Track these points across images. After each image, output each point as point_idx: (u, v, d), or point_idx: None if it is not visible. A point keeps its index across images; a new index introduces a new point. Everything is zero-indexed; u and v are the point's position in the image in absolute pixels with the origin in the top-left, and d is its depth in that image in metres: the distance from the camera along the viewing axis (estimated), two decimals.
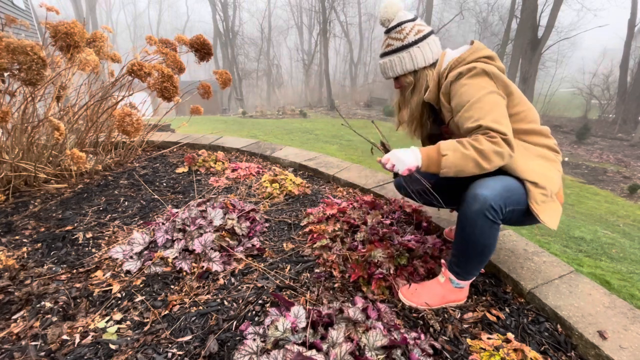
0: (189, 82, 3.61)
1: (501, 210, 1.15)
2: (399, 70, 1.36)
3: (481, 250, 1.21)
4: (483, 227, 1.16)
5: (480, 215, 1.14)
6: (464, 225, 1.20)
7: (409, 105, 1.43)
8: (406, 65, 1.34)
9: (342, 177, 2.60)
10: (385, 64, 1.38)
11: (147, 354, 1.10)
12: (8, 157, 2.16)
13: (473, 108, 1.15)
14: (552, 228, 1.19)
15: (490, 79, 1.19)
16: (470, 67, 1.20)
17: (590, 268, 3.02)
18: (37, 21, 8.01)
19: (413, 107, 1.42)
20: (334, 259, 1.55)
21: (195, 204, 1.98)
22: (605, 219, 5.74)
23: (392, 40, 1.34)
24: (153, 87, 2.23)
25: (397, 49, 1.33)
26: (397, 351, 1.04)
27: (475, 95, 1.16)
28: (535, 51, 16.56)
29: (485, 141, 1.10)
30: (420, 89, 1.37)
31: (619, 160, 12.05)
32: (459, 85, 1.20)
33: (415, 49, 1.31)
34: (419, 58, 1.32)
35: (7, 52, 1.66)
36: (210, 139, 3.69)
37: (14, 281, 1.41)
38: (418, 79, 1.36)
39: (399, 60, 1.34)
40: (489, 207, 1.13)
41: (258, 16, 32.51)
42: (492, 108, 1.15)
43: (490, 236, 1.18)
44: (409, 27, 1.31)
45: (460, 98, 1.19)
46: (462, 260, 1.27)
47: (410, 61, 1.33)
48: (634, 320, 1.21)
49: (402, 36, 1.31)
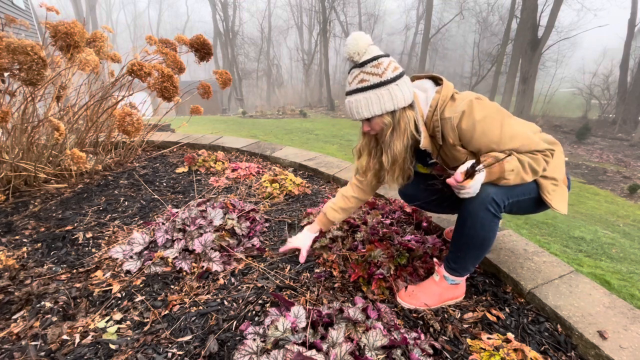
0: (189, 82, 3.61)
1: (503, 204, 1.18)
2: (376, 109, 1.18)
3: (480, 243, 1.23)
4: (484, 220, 1.18)
5: (482, 208, 1.16)
6: (465, 219, 1.22)
7: (390, 151, 1.27)
8: (385, 105, 1.17)
9: (342, 177, 2.60)
10: (358, 101, 1.19)
11: (147, 354, 1.10)
12: (8, 157, 2.16)
13: (508, 139, 1.13)
14: (563, 213, 1.23)
15: (484, 100, 1.18)
16: (467, 101, 1.15)
17: (590, 268, 3.02)
18: (37, 21, 8.01)
19: (396, 153, 1.26)
20: (334, 259, 1.55)
21: (195, 203, 1.98)
22: (605, 219, 5.74)
23: (368, 76, 1.16)
24: (153, 87, 2.23)
25: (373, 85, 1.16)
26: (397, 351, 1.04)
27: (498, 130, 1.13)
28: (535, 51, 16.56)
29: (542, 161, 1.14)
30: (404, 133, 1.23)
31: (619, 160, 12.05)
32: (473, 125, 1.14)
33: (394, 87, 1.16)
34: (398, 97, 1.17)
35: (7, 52, 1.66)
36: (210, 139, 3.69)
37: (14, 281, 1.41)
38: (398, 120, 1.21)
39: (376, 98, 1.17)
40: (491, 200, 1.15)
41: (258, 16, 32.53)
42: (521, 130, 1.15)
43: (490, 229, 1.20)
44: (386, 62, 1.17)
45: (486, 137, 1.14)
46: (459, 255, 1.29)
47: (389, 100, 1.17)
48: (634, 320, 1.21)
49: (379, 71, 1.15)
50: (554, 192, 1.23)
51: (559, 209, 1.22)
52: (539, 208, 1.29)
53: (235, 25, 28.09)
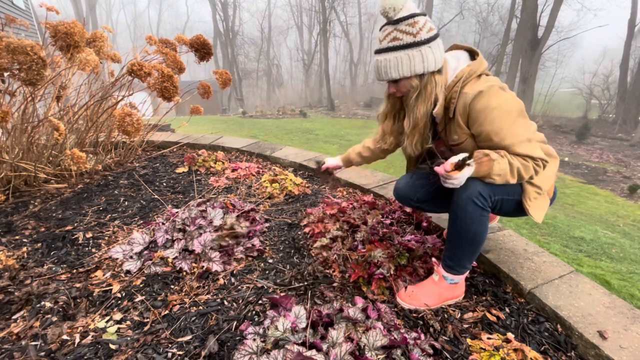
0: (189, 82, 3.61)
1: (490, 197, 1.19)
2: (406, 71, 1.15)
3: (472, 238, 1.24)
4: (473, 214, 1.19)
5: (470, 202, 1.18)
6: (456, 214, 1.24)
7: (412, 115, 1.25)
8: (415, 67, 1.14)
9: (342, 177, 2.60)
10: (388, 61, 1.15)
11: (147, 354, 1.10)
12: (8, 157, 2.16)
13: (510, 135, 1.12)
14: (538, 222, 1.25)
15: (506, 91, 1.16)
16: (489, 83, 1.13)
17: (590, 268, 3.02)
18: (37, 21, 8.01)
19: (418, 117, 1.24)
20: (334, 258, 1.55)
21: (195, 203, 1.98)
22: (605, 219, 5.74)
23: (401, 34, 1.11)
24: (153, 87, 2.23)
25: (406, 45, 1.11)
26: (397, 351, 1.04)
27: (506, 124, 1.12)
28: (535, 51, 16.55)
29: (532, 170, 1.15)
30: (429, 98, 1.20)
31: (619, 160, 12.05)
32: (485, 108, 1.12)
33: (427, 49, 1.12)
34: (429, 60, 1.13)
35: (7, 52, 1.66)
36: (210, 139, 3.69)
37: (14, 281, 1.41)
38: (425, 85, 1.18)
39: (407, 59, 1.13)
40: (477, 194, 1.17)
41: (258, 16, 32.52)
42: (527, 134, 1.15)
43: (480, 223, 1.22)
44: (422, 22, 1.11)
45: (491, 125, 1.12)
46: (454, 252, 1.30)
47: (420, 62, 1.13)
48: (634, 320, 1.21)
49: (414, 30, 1.10)
50: (535, 199, 1.24)
51: (534, 216, 1.24)
52: (518, 212, 1.30)
53: (235, 25, 28.08)
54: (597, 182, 9.29)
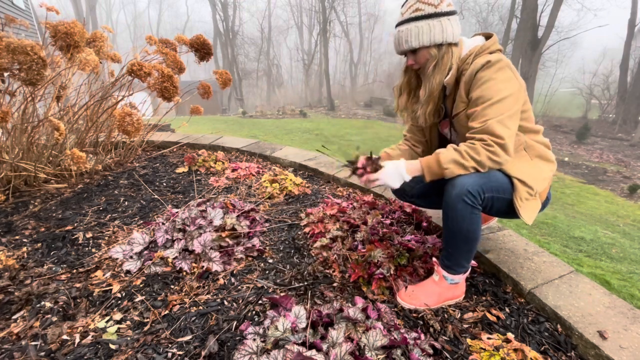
0: (189, 82, 3.61)
1: (479, 195, 1.19)
2: (426, 40, 1.20)
3: (465, 236, 1.24)
4: (463, 212, 1.20)
5: (459, 200, 1.19)
6: (447, 213, 1.25)
7: (429, 84, 1.28)
8: (435, 36, 1.20)
9: (342, 177, 2.60)
10: (409, 30, 1.21)
11: (147, 354, 1.10)
12: (8, 157, 2.16)
13: (492, 107, 1.15)
14: (528, 223, 1.25)
15: (514, 75, 1.19)
16: (499, 57, 1.17)
17: (590, 268, 3.02)
18: (37, 21, 8.00)
19: (434, 87, 1.28)
20: (334, 258, 1.55)
21: (195, 203, 1.98)
22: (605, 219, 5.74)
23: (423, 5, 1.19)
24: (153, 87, 2.23)
25: (428, 15, 1.18)
26: (397, 351, 1.04)
27: (498, 95, 1.15)
28: (535, 51, 16.55)
29: (483, 150, 1.15)
30: (444, 68, 1.25)
31: (619, 160, 12.05)
32: (486, 76, 1.16)
33: (447, 20, 1.19)
34: (448, 31, 1.20)
35: (7, 52, 1.66)
36: (210, 139, 3.69)
37: (14, 281, 1.41)
38: (442, 55, 1.24)
39: (427, 28, 1.19)
40: (466, 192, 1.18)
41: (258, 16, 32.51)
42: (508, 111, 1.16)
43: (472, 221, 1.22)
44: None
45: (484, 92, 1.16)
46: (450, 251, 1.31)
47: (440, 32, 1.19)
48: (634, 320, 1.21)
49: (436, 1, 1.18)
50: (526, 200, 1.25)
51: (524, 217, 1.24)
52: (509, 214, 1.30)
53: (235, 25, 28.08)
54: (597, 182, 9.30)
